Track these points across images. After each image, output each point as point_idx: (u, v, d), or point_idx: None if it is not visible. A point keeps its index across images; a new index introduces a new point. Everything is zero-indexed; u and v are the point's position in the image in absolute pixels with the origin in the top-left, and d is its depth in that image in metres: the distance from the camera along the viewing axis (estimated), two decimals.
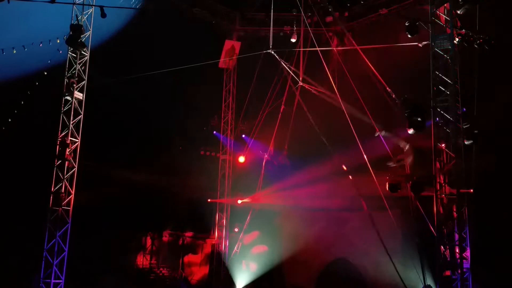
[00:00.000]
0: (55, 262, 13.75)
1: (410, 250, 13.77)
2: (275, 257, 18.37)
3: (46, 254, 13.76)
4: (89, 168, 15.18)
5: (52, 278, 13.67)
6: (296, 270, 18.59)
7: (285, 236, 18.35)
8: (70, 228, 14.04)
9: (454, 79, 12.55)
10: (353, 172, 15.51)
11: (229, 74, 20.06)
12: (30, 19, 14.40)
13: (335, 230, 17.84)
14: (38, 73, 15.25)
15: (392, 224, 13.69)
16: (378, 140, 14.42)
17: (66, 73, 14.57)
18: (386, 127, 14.52)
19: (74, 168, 14.32)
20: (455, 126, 12.39)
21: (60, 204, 14.00)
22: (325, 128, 16.40)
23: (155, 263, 20.27)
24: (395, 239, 14.12)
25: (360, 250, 16.71)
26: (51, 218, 13.94)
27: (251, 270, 18.74)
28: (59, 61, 14.93)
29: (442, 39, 12.78)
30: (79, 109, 14.62)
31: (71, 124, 14.40)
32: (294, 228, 18.10)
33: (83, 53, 14.77)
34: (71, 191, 14.24)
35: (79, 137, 14.53)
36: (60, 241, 13.89)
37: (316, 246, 17.79)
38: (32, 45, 14.31)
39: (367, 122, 14.64)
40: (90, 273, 16.13)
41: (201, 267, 20.47)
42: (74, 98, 14.48)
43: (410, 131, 12.62)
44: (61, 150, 14.02)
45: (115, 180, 17.57)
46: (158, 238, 20.52)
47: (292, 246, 17.92)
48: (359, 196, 14.98)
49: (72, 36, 14.08)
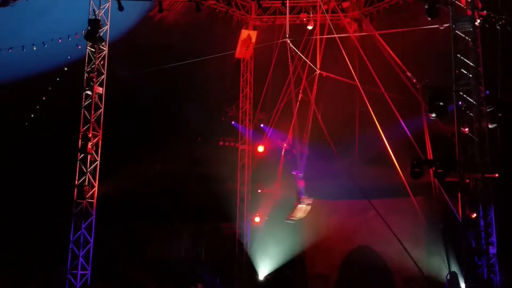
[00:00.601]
0: (81, 254, 14.03)
1: (434, 236, 13.65)
2: (297, 245, 18.38)
3: (72, 245, 14.04)
4: (111, 160, 15.31)
5: (79, 269, 13.94)
6: (318, 258, 18.58)
7: (307, 224, 18.30)
8: (94, 220, 14.26)
9: (476, 62, 12.33)
10: (375, 160, 15.40)
11: (246, 63, 20.01)
12: (49, 16, 14.51)
13: (357, 218, 17.77)
14: (59, 69, 15.41)
15: (416, 211, 13.57)
16: (400, 127, 14.29)
17: (86, 68, 14.71)
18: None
19: (96, 161, 14.51)
20: (479, 110, 12.19)
21: (84, 197, 14.25)
22: (346, 116, 16.30)
23: (178, 253, 20.43)
24: (419, 226, 13.99)
25: (383, 237, 16.62)
26: (76, 211, 14.18)
27: (273, 259, 18.79)
28: (78, 56, 15.08)
29: (463, 21, 12.50)
30: (99, 103, 14.78)
31: (92, 118, 14.56)
32: (315, 216, 18.03)
33: (102, 47, 14.88)
34: (95, 184, 14.45)
35: (100, 130, 14.69)
36: (86, 233, 14.14)
37: (338, 234, 17.73)
38: (51, 41, 14.40)
39: (387, 108, 14.50)
40: (115, 263, 16.33)
41: (223, 256, 20.58)
42: (94, 93, 14.63)
43: (432, 115, 12.48)
44: (83, 144, 14.26)
45: (136, 172, 17.67)
46: (180, 228, 20.67)
47: (314, 234, 17.87)
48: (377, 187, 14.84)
49: (90, 31, 14.19)
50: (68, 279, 13.85)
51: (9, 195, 15.74)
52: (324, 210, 18.00)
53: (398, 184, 14.02)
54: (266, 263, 18.73)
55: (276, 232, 19.14)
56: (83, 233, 14.09)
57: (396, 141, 14.59)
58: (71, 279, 13.86)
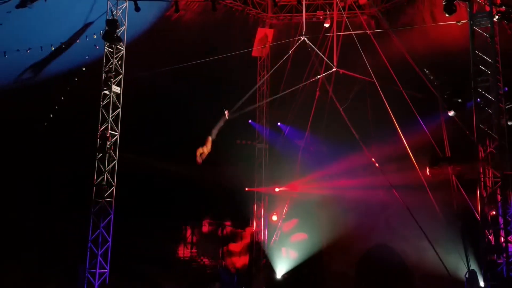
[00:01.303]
0: (100, 253, 14.11)
1: (453, 234, 13.51)
2: (314, 244, 18.34)
3: (91, 245, 14.14)
4: (129, 160, 15.44)
5: (97, 268, 14.04)
6: (336, 256, 18.53)
7: (324, 223, 18.27)
8: (113, 219, 14.39)
9: (494, 58, 12.18)
10: (392, 159, 15.29)
11: (262, 62, 20.02)
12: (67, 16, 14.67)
13: (375, 216, 17.68)
14: (77, 69, 15.59)
15: (434, 209, 13.45)
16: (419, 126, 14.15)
17: (104, 68, 14.84)
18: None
19: (114, 160, 14.63)
20: (497, 107, 12.04)
21: (103, 196, 14.34)
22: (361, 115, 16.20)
23: (195, 253, 20.55)
24: (438, 224, 13.85)
25: (401, 235, 16.51)
26: (94, 210, 14.31)
27: (291, 258, 18.79)
28: (96, 56, 15.23)
29: (481, 17, 12.39)
30: (117, 102, 14.90)
31: (110, 117, 14.69)
32: (333, 214, 18.00)
33: (119, 47, 15.00)
34: (113, 183, 14.57)
35: (118, 130, 14.82)
36: (104, 232, 14.25)
37: (356, 232, 17.66)
38: (69, 41, 14.58)
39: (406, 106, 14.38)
40: (133, 262, 16.46)
41: (241, 256, 20.63)
42: (112, 92, 14.77)
43: (451, 113, 12.36)
44: (102, 143, 14.36)
45: (154, 172, 17.82)
46: (198, 228, 20.78)
47: (332, 232, 17.82)
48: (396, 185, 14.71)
49: (108, 31, 14.28)
50: (87, 278, 13.96)
51: (29, 195, 15.97)
52: (341, 208, 17.97)
53: (417, 181, 13.89)
54: (283, 262, 18.74)
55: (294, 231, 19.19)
56: (102, 232, 14.20)
57: (415, 139, 14.46)
58: (89, 278, 13.97)
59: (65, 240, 16.06)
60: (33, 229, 16.02)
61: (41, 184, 16.32)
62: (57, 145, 16.15)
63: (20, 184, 15.83)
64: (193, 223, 20.61)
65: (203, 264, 20.47)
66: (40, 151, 16.07)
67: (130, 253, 16.66)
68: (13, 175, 15.59)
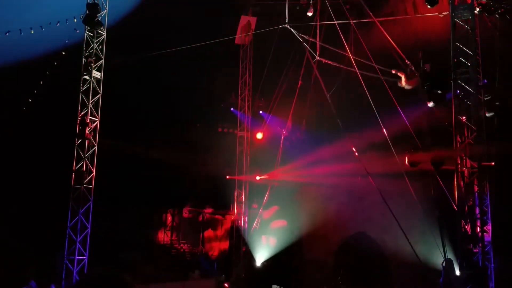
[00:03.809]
0: (79, 239, 13.98)
1: (430, 223, 13.71)
2: (294, 232, 18.48)
3: (70, 231, 14.00)
4: (109, 146, 15.30)
5: (76, 254, 13.91)
6: (315, 244, 18.72)
7: (304, 211, 18.40)
8: (92, 205, 14.27)
9: (475, 50, 12.31)
10: (372, 148, 15.42)
11: (245, 50, 19.94)
12: None
13: (354, 205, 17.85)
14: (57, 53, 15.32)
15: (412, 198, 13.61)
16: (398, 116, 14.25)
17: (84, 53, 14.60)
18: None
19: (94, 146, 14.47)
20: (476, 98, 12.20)
21: (82, 182, 14.17)
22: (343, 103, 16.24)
23: (175, 239, 20.56)
24: (415, 212, 14.03)
25: (379, 224, 16.71)
26: (73, 196, 14.16)
27: (270, 245, 18.90)
28: (76, 40, 14.98)
29: (462, 9, 12.48)
30: (97, 88, 14.70)
31: (90, 103, 14.51)
32: (313, 203, 18.14)
33: (100, 32, 14.77)
34: (92, 170, 14.41)
35: (98, 116, 14.64)
36: (83, 219, 14.11)
37: (335, 220, 17.85)
38: (49, 25, 14.29)
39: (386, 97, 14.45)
40: (113, 249, 16.39)
41: (221, 242, 20.72)
42: (92, 77, 14.57)
43: (430, 104, 12.47)
44: (81, 129, 14.16)
45: (135, 158, 17.72)
46: (178, 214, 20.79)
47: (311, 221, 17.98)
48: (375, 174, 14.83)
49: (88, 15, 14.07)
50: (65, 264, 13.84)
51: (5, 180, 15.74)
52: (321, 197, 18.11)
53: (395, 171, 14.03)
54: (263, 249, 18.85)
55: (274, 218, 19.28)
56: (80, 219, 14.07)
57: (395, 128, 14.56)
58: (68, 265, 13.85)
59: (44, 227, 15.89)
60: (10, 215, 15.83)
61: (19, 170, 16.09)
62: (35, 130, 15.93)
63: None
64: (174, 209, 20.60)
65: (183, 251, 20.51)
66: (17, 136, 15.83)
67: (109, 239, 16.59)
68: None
